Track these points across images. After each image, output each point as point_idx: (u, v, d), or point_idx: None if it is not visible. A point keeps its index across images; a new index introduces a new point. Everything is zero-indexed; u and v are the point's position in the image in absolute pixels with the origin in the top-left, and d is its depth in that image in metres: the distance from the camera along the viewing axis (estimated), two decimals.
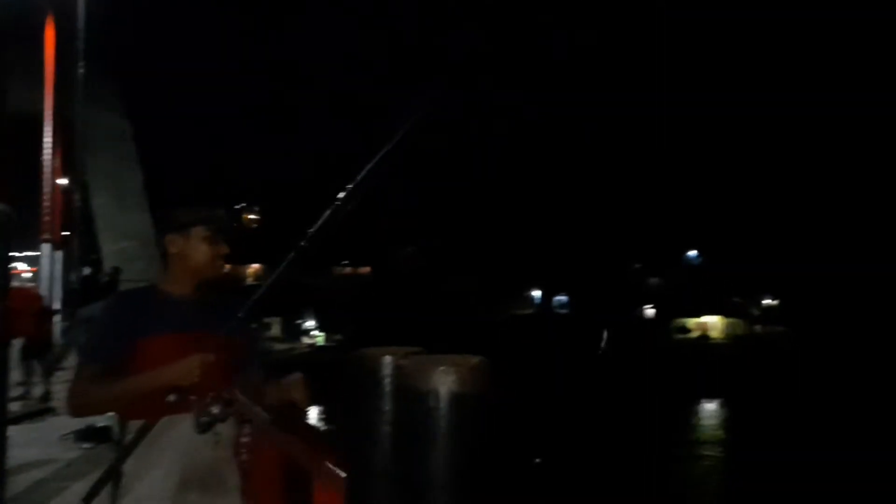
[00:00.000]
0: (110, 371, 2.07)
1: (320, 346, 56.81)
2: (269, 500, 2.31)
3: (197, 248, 2.24)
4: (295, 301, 65.01)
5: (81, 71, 16.58)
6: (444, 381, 1.31)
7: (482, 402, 1.32)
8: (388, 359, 1.43)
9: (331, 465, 1.63)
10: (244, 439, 2.30)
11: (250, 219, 72.99)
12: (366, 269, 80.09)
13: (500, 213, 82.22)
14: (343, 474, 1.54)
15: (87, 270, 15.85)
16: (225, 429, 2.19)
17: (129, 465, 2.12)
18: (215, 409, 2.02)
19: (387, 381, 1.43)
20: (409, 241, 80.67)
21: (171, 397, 2.02)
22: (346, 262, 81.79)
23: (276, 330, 65.96)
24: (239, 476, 2.33)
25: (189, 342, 2.09)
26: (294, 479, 2.04)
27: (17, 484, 5.07)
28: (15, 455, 5.89)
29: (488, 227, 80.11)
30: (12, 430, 7.31)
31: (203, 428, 2.04)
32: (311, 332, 62.01)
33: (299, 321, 64.10)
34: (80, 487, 4.30)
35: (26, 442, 6.65)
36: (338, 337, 58.34)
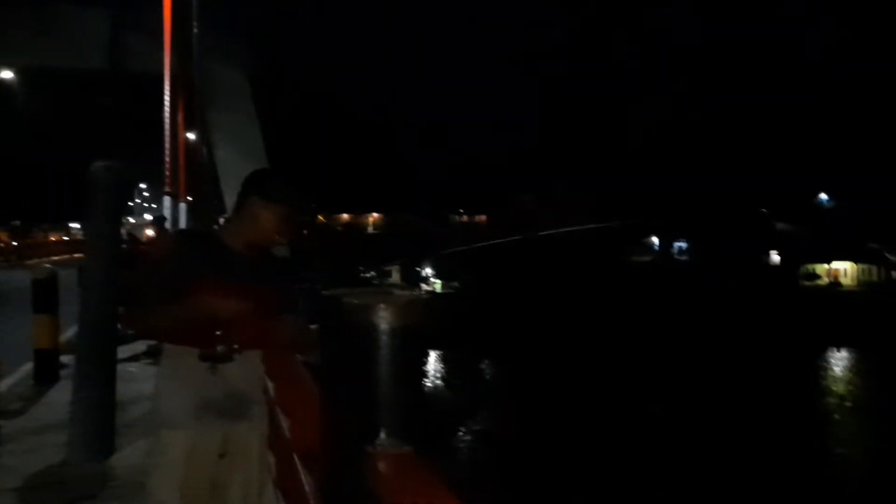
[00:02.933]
0: (166, 301, 2.35)
1: (438, 293, 58.02)
2: (296, 427, 2.58)
3: (271, 219, 2.48)
4: (414, 249, 66.58)
5: (195, 31, 17.44)
6: (381, 318, 1.51)
7: (414, 333, 1.51)
8: (345, 300, 1.61)
9: (308, 383, 1.88)
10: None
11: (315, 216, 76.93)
12: (482, 218, 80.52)
13: (619, 157, 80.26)
14: (317, 390, 1.78)
15: (222, 221, 16.75)
16: (250, 362, 2.48)
17: (159, 385, 2.45)
18: (219, 348, 2.30)
19: (345, 317, 1.61)
20: (525, 188, 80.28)
21: (196, 317, 2.28)
22: (462, 210, 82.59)
23: (395, 277, 67.87)
24: (266, 406, 2.60)
25: (236, 290, 2.34)
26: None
27: (130, 414, 5.63)
28: (132, 389, 6.54)
29: (606, 172, 78.45)
30: (132, 367, 8.09)
31: (203, 358, 2.33)
32: (430, 279, 63.35)
33: (418, 268, 65.61)
34: None
35: (146, 376, 7.30)
36: (455, 284, 59.27)
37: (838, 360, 38.76)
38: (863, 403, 29.55)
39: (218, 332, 2.29)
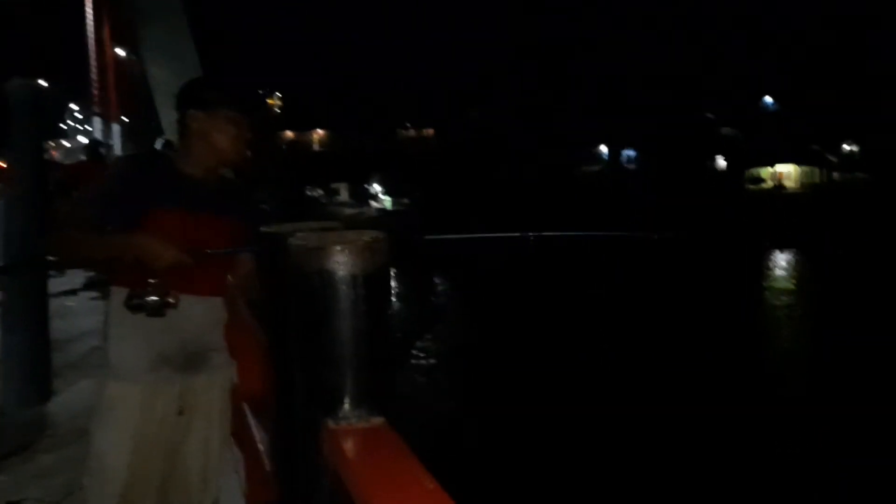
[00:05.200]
0: (100, 229, 2.03)
1: (388, 211, 57.63)
2: (248, 374, 2.33)
3: (221, 130, 2.14)
4: (362, 166, 65.51)
5: None
6: (339, 261, 1.24)
7: (375, 277, 1.25)
8: (291, 241, 1.33)
9: (254, 336, 1.63)
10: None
11: (273, 104, 73.38)
12: (430, 132, 79.20)
13: (564, 67, 79.55)
14: (263, 344, 1.55)
15: (159, 143, 15.61)
16: (213, 307, 2.20)
17: (110, 331, 2.13)
18: (149, 298, 1.97)
19: (292, 260, 1.34)
20: (472, 102, 79.07)
21: (129, 260, 1.96)
22: (409, 124, 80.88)
23: (344, 195, 67.09)
24: (227, 356, 2.31)
25: (194, 221, 2.08)
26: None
27: (68, 353, 5.30)
28: (71, 325, 6.19)
29: (554, 82, 77.81)
30: (73, 300, 7.69)
31: (129, 306, 1.99)
32: (379, 197, 62.75)
33: (367, 185, 64.81)
34: None
35: (86, 311, 6.94)
36: (405, 201, 58.79)
37: (781, 262, 39.99)
38: (805, 304, 30.62)
39: (152, 281, 1.97)
